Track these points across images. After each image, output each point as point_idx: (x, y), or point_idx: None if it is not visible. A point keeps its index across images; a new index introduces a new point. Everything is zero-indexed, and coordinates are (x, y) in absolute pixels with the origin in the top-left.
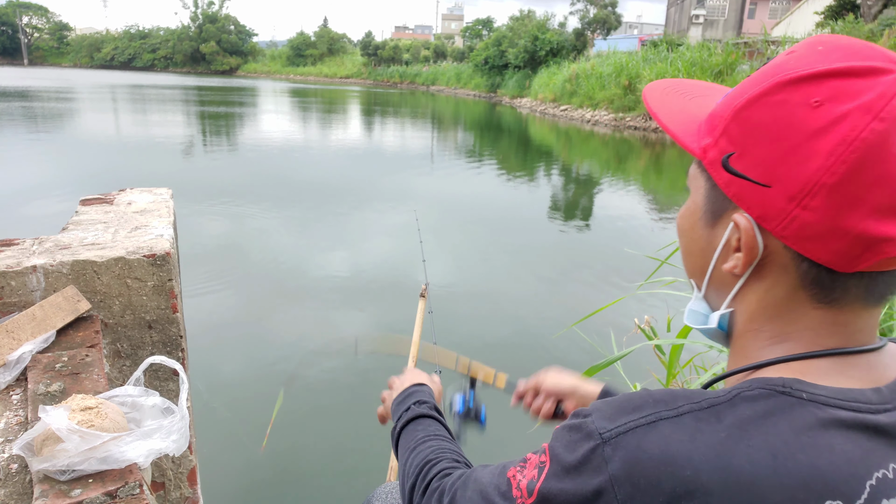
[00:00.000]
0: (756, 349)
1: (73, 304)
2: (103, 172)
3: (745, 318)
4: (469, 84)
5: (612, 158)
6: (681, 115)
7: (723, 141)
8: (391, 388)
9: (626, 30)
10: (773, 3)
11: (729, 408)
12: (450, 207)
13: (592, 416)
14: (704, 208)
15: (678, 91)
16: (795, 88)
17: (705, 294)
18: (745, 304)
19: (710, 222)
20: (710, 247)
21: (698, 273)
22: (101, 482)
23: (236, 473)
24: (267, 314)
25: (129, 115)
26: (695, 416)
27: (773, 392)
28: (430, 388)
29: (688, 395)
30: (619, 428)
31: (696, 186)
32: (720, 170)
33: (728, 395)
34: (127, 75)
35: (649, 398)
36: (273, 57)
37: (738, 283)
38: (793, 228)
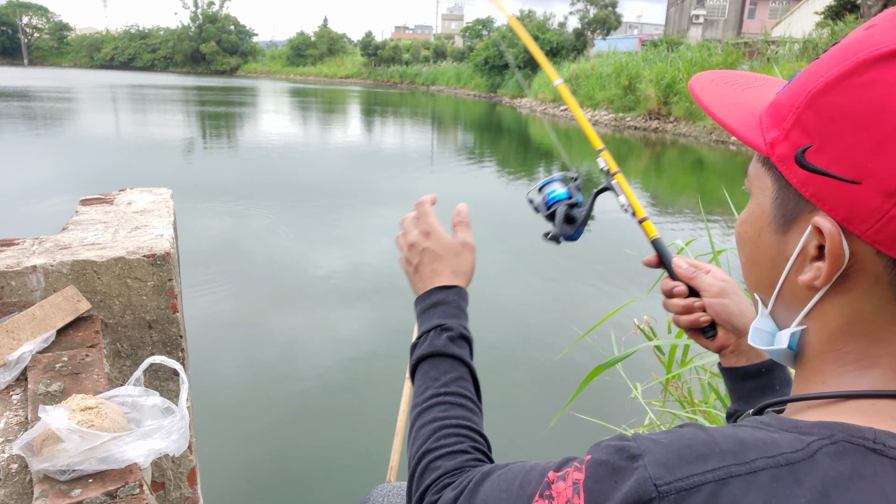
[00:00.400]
0: (836, 374)
1: (73, 304)
2: (103, 172)
3: (822, 337)
4: (469, 84)
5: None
6: (736, 107)
7: (795, 133)
8: (406, 244)
9: (626, 30)
10: (773, 3)
11: (809, 466)
12: (450, 207)
13: (644, 457)
14: (774, 212)
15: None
16: (887, 65)
17: (773, 310)
18: (822, 321)
19: (781, 228)
20: (782, 256)
21: (765, 286)
22: (101, 482)
23: (236, 473)
24: (267, 314)
25: (128, 115)
26: (771, 474)
27: (862, 448)
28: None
29: (759, 447)
30: (682, 482)
31: (760, 188)
32: (794, 166)
33: (807, 449)
34: (127, 75)
35: (715, 446)
36: (273, 57)
37: (815, 297)
38: (889, 231)
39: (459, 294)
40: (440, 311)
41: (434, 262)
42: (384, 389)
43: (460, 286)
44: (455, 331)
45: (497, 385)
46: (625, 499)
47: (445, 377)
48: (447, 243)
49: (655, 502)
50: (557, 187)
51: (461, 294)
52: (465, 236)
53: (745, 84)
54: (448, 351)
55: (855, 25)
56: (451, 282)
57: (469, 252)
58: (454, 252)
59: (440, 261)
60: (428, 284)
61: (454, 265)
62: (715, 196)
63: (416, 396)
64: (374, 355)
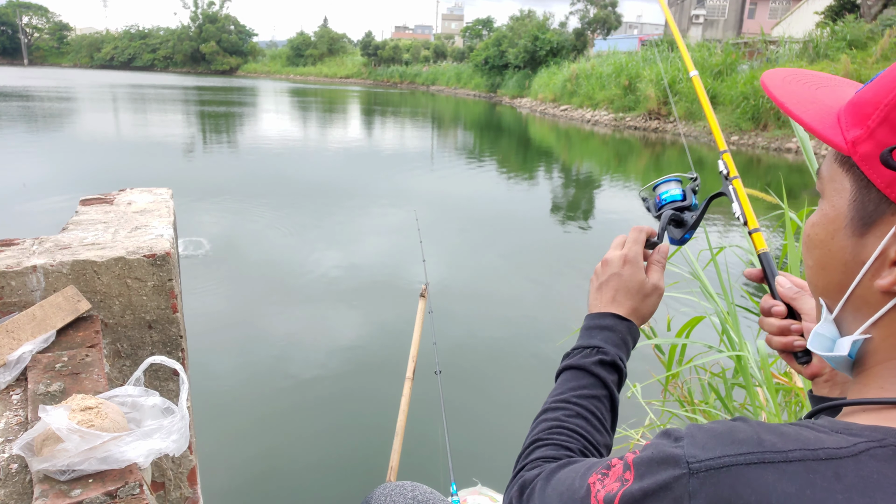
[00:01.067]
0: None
1: (73, 304)
2: (103, 172)
3: (889, 345)
4: (469, 84)
5: (612, 158)
6: (812, 104)
7: (882, 131)
8: (603, 268)
9: (626, 30)
10: (773, 3)
11: (853, 464)
12: (450, 207)
13: (685, 440)
14: (851, 214)
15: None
16: None
17: (838, 315)
18: (892, 329)
19: (858, 230)
20: (857, 260)
21: (834, 291)
22: (101, 482)
23: (236, 473)
24: (267, 314)
25: (128, 114)
26: (808, 465)
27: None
28: (630, 326)
29: (802, 439)
30: (712, 461)
31: (836, 189)
32: (879, 166)
33: (853, 447)
34: (127, 75)
35: (755, 434)
36: (273, 57)
37: (891, 303)
38: None
39: (630, 329)
40: (604, 335)
41: (619, 290)
42: (384, 390)
43: (633, 323)
44: (610, 356)
45: (497, 383)
46: (663, 474)
47: (582, 391)
48: (641, 280)
49: (685, 478)
50: (672, 188)
51: (632, 329)
52: (658, 278)
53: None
54: (594, 371)
55: (855, 25)
56: (627, 315)
57: (657, 297)
58: (643, 292)
59: (626, 293)
60: (603, 307)
61: (637, 303)
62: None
63: (551, 396)
64: (374, 356)
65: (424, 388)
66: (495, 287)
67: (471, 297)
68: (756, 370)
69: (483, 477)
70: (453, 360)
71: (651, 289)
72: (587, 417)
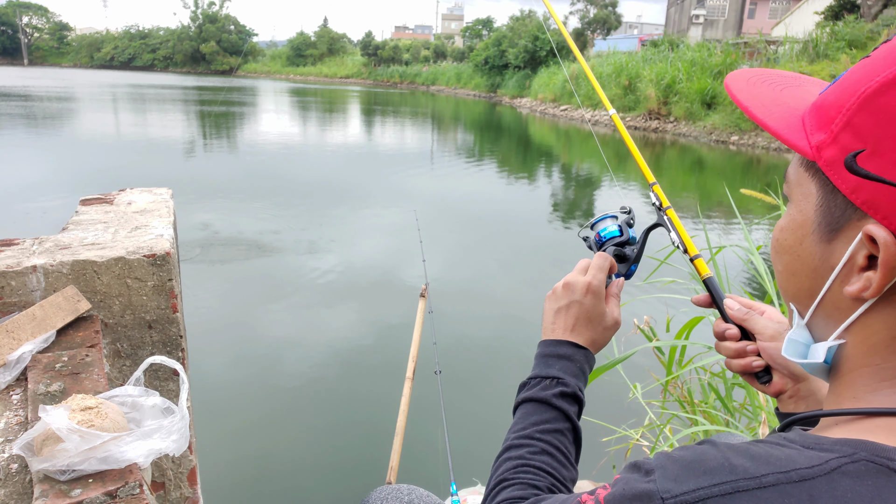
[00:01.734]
0: (870, 390)
1: (73, 304)
2: (103, 172)
3: (861, 351)
4: (469, 84)
5: (612, 158)
6: (776, 107)
7: (845, 136)
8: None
9: (626, 30)
10: (773, 3)
11: (826, 484)
12: (450, 207)
13: (656, 472)
14: (818, 220)
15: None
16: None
17: (810, 321)
18: (864, 335)
19: (826, 236)
20: (826, 266)
21: (804, 297)
22: (101, 482)
23: (236, 473)
24: (267, 314)
25: (128, 114)
26: (781, 490)
27: (886, 469)
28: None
29: (773, 461)
30: (686, 496)
31: (803, 193)
32: (843, 171)
33: (825, 465)
34: (127, 75)
35: (726, 461)
36: (273, 57)
37: (860, 309)
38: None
39: (587, 358)
40: (563, 364)
41: (580, 319)
42: (384, 390)
43: (590, 352)
44: (570, 388)
45: (497, 384)
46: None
47: (545, 426)
48: (602, 311)
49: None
50: (609, 224)
51: (589, 359)
52: (618, 313)
53: (784, 83)
54: (556, 403)
55: (855, 25)
56: (584, 345)
57: (614, 330)
58: (604, 324)
59: (587, 322)
60: (561, 335)
61: (596, 335)
62: (714, 196)
63: (511, 432)
64: (374, 356)
65: (424, 388)
66: (496, 287)
67: (471, 296)
68: None
69: (483, 477)
70: (453, 360)
71: (612, 322)
72: (552, 453)
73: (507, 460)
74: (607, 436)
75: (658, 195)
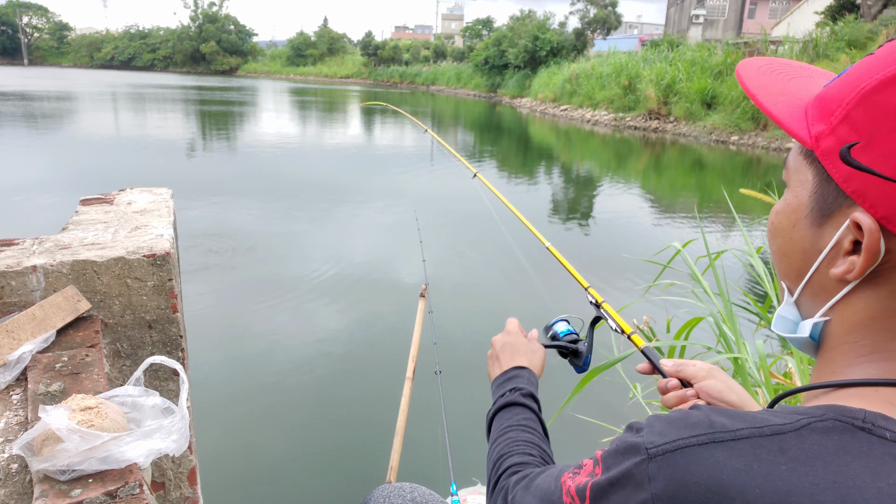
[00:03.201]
0: (846, 364)
1: (73, 304)
2: (103, 172)
3: (843, 329)
4: (469, 84)
5: (612, 158)
6: (783, 97)
7: (843, 129)
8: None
9: (626, 30)
10: (773, 3)
11: (795, 438)
12: (450, 207)
13: (644, 429)
14: (811, 205)
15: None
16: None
17: (798, 299)
18: (847, 313)
19: (817, 221)
20: (815, 248)
21: (794, 276)
22: (101, 482)
23: (236, 473)
24: (267, 314)
25: (128, 114)
26: (754, 442)
27: (851, 426)
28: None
29: (750, 419)
30: (668, 445)
31: (799, 180)
32: (838, 162)
33: (796, 423)
34: (127, 75)
35: (706, 417)
36: (273, 57)
37: (844, 290)
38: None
39: (531, 374)
40: (515, 381)
41: (513, 352)
42: (385, 390)
43: (533, 371)
44: (525, 390)
45: None
46: (626, 462)
47: (519, 416)
48: (524, 342)
49: (644, 463)
50: (561, 326)
51: (532, 375)
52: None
53: (792, 73)
54: (521, 401)
55: (854, 25)
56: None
57: (542, 353)
58: (530, 349)
59: (518, 352)
60: (505, 366)
61: (530, 357)
62: (714, 196)
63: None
64: (374, 356)
65: (424, 388)
66: (496, 287)
67: (471, 296)
68: (755, 371)
69: (483, 477)
70: (453, 360)
71: (536, 346)
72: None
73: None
74: (608, 436)
75: (593, 295)
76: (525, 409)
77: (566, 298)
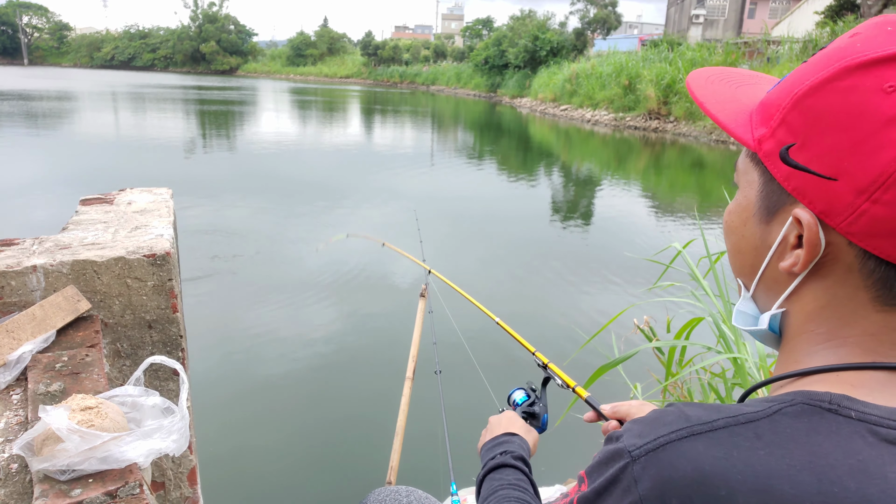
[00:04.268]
0: (807, 353)
1: (73, 303)
2: (103, 172)
3: (799, 320)
4: (469, 84)
5: (612, 158)
6: (730, 104)
7: (781, 131)
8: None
9: (626, 30)
10: (773, 3)
11: (769, 424)
12: (450, 207)
13: (623, 435)
14: (759, 204)
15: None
16: (866, 73)
17: (754, 294)
18: (800, 304)
19: (764, 218)
20: (765, 244)
21: (748, 272)
22: (101, 482)
23: (236, 473)
24: (267, 314)
25: (128, 114)
26: (731, 431)
27: (818, 409)
28: (522, 439)
29: (724, 410)
30: (649, 444)
31: (748, 181)
32: (778, 162)
33: (767, 409)
34: (127, 75)
35: (681, 413)
36: (273, 57)
37: (794, 282)
38: (861, 224)
39: (523, 441)
40: (506, 444)
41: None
42: (385, 390)
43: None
44: (517, 453)
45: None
46: (610, 470)
47: (510, 477)
48: (522, 423)
49: (629, 466)
50: (518, 394)
51: (524, 442)
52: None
53: (741, 81)
54: (511, 463)
55: (854, 25)
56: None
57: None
58: (526, 428)
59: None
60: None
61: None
62: (714, 196)
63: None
64: (374, 356)
65: (424, 387)
66: (496, 287)
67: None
68: (755, 370)
69: None
70: (453, 360)
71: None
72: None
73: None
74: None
75: (539, 358)
76: (516, 471)
77: (569, 300)
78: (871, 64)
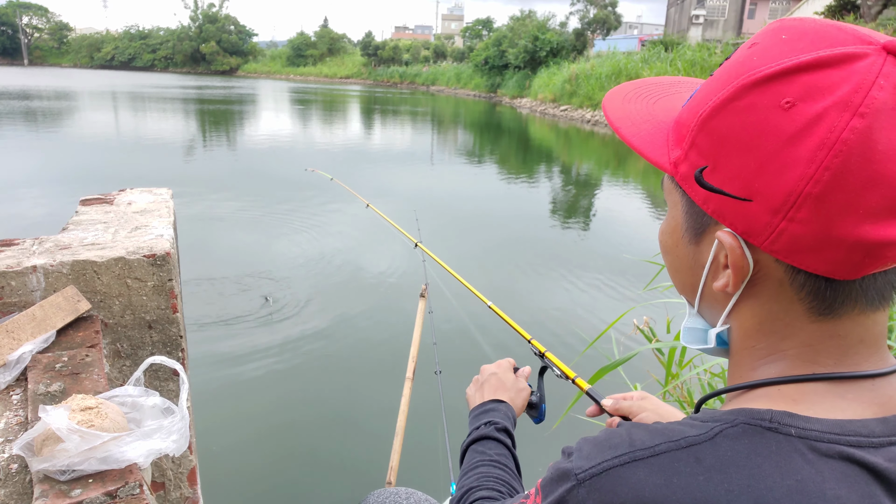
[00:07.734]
0: (749, 368)
1: (73, 304)
2: (103, 172)
3: (741, 336)
4: (469, 84)
5: (612, 159)
6: (646, 124)
7: (693, 154)
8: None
9: (626, 30)
10: (773, 4)
11: (710, 447)
12: (450, 207)
13: (574, 454)
14: (685, 225)
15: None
16: (763, 90)
17: (699, 310)
18: (740, 321)
19: (693, 239)
20: (698, 264)
21: (689, 290)
22: (101, 482)
23: (236, 473)
24: (266, 314)
25: (128, 114)
26: (672, 456)
27: (759, 428)
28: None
29: (668, 433)
30: (594, 469)
31: (673, 201)
32: (695, 185)
33: (709, 432)
34: (127, 75)
35: (627, 436)
36: (273, 57)
37: (730, 302)
38: (782, 242)
39: (508, 409)
40: (491, 414)
41: (498, 386)
42: (384, 390)
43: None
44: (501, 425)
45: None
46: (559, 489)
47: (492, 452)
48: (512, 378)
49: (575, 489)
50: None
51: (510, 410)
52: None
53: (659, 94)
54: (494, 436)
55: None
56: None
57: (526, 393)
58: (516, 387)
59: (503, 387)
60: (486, 397)
61: (512, 394)
62: None
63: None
64: (374, 356)
65: (424, 388)
66: (496, 287)
67: (471, 297)
68: None
69: None
70: (453, 360)
71: (523, 385)
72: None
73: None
74: None
75: (535, 346)
76: (499, 444)
77: (569, 300)
78: (767, 80)
